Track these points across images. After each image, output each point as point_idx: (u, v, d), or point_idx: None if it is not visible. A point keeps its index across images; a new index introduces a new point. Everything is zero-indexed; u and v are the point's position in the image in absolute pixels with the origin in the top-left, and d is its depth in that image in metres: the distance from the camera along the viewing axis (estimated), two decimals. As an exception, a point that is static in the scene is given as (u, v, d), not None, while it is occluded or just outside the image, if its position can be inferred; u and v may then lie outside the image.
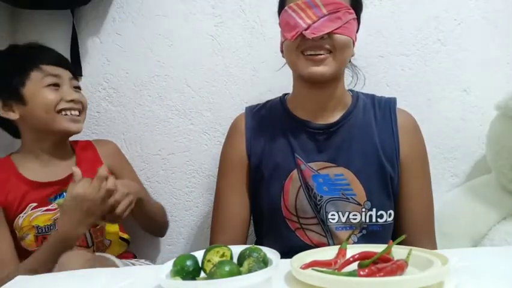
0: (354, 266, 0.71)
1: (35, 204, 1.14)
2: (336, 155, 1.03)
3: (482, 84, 1.39)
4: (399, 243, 0.75)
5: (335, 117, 1.05)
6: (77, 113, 1.18)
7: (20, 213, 1.12)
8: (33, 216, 1.13)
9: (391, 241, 0.75)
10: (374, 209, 1.01)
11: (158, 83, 1.44)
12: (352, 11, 0.97)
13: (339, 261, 0.73)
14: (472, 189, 1.32)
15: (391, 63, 1.40)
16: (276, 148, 1.06)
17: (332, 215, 1.02)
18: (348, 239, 0.87)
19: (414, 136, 1.06)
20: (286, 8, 0.99)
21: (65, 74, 1.19)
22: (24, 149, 1.20)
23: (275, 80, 1.38)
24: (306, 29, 0.95)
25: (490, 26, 1.38)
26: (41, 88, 1.14)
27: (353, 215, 1.01)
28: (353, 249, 0.76)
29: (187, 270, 0.72)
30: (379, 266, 0.68)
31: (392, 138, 1.04)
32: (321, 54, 0.97)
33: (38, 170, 1.18)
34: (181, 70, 1.44)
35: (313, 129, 1.05)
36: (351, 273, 0.66)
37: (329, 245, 1.01)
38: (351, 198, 1.01)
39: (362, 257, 0.72)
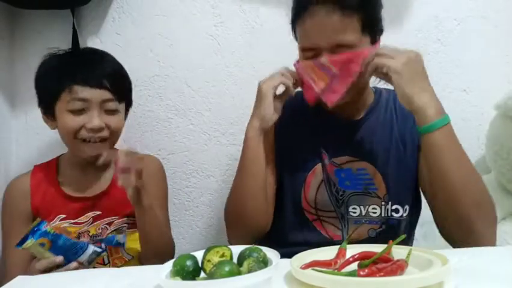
0: (354, 266, 0.71)
1: (64, 215, 1.14)
2: (359, 150, 1.05)
3: (481, 84, 1.39)
4: (398, 243, 0.75)
5: (360, 114, 1.07)
6: (98, 141, 1.11)
7: (49, 222, 1.12)
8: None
9: (391, 241, 0.75)
10: (390, 203, 1.03)
11: (158, 83, 1.44)
12: (362, 41, 0.95)
13: (339, 261, 0.74)
14: (471, 189, 1.32)
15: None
16: (302, 140, 1.08)
17: (353, 208, 1.04)
18: (348, 237, 0.88)
19: None
20: (298, 60, 1.01)
21: (98, 96, 1.09)
22: (68, 154, 1.21)
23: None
24: (322, 93, 0.97)
25: (490, 26, 1.38)
26: (64, 112, 1.10)
27: (373, 208, 1.03)
28: (353, 249, 0.76)
29: (187, 270, 0.72)
30: (379, 266, 0.68)
31: (412, 133, 1.04)
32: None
33: (74, 180, 1.18)
34: (181, 70, 1.44)
35: (338, 125, 1.06)
36: (351, 273, 0.66)
37: (343, 239, 1.03)
38: (373, 192, 1.03)
39: (362, 257, 0.72)
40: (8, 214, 1.16)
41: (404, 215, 1.04)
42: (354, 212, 1.04)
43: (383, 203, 1.03)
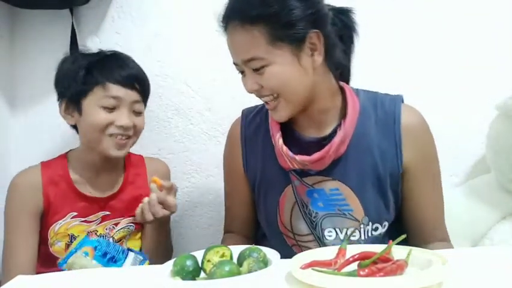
0: (354, 266, 0.71)
1: (75, 213, 1.16)
2: (331, 169, 0.96)
3: (482, 83, 1.39)
4: (398, 243, 0.75)
5: (329, 128, 0.98)
6: (124, 138, 1.14)
7: (60, 219, 1.14)
8: (70, 225, 1.15)
9: (391, 241, 0.75)
10: (371, 223, 0.97)
11: (158, 83, 1.44)
12: (273, 52, 0.88)
13: (339, 261, 0.73)
14: (471, 189, 1.32)
15: (390, 63, 1.40)
16: (271, 163, 1.01)
17: (328, 231, 0.97)
18: (348, 238, 0.87)
19: (420, 138, 0.97)
20: None
21: (129, 97, 1.14)
22: (80, 152, 1.21)
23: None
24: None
25: (491, 25, 1.38)
26: (96, 107, 1.12)
27: (352, 232, 0.96)
28: (353, 249, 0.75)
29: (187, 270, 0.72)
30: (379, 266, 0.68)
31: (394, 144, 0.96)
32: (268, 103, 0.94)
33: (87, 180, 1.19)
34: (181, 70, 1.44)
35: (306, 141, 0.99)
36: (351, 273, 0.66)
37: None
38: (348, 214, 0.96)
39: (362, 257, 0.72)
40: (15, 208, 1.14)
41: (383, 230, 0.99)
42: (330, 236, 0.97)
43: (362, 225, 0.96)
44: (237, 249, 0.76)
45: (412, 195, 0.99)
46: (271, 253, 0.75)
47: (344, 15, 0.97)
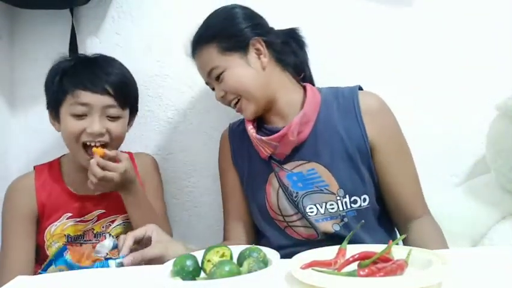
0: (354, 266, 0.71)
1: (70, 214, 1.17)
2: (305, 152, 1.09)
3: (482, 83, 1.39)
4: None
5: (292, 118, 1.09)
6: (98, 145, 1.11)
7: (55, 221, 1.16)
8: (66, 226, 1.16)
9: (391, 241, 0.75)
10: (347, 196, 1.06)
11: (158, 83, 1.44)
12: (226, 60, 1.08)
13: (339, 261, 0.73)
14: (471, 189, 1.32)
15: (390, 64, 1.40)
16: (256, 160, 1.15)
17: (309, 208, 1.07)
18: (348, 238, 0.87)
19: (379, 116, 1.09)
20: None
21: (100, 102, 1.11)
22: (70, 155, 1.21)
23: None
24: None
25: (491, 25, 1.38)
26: (67, 115, 1.12)
27: (330, 205, 1.06)
28: (353, 249, 0.75)
29: (187, 270, 0.72)
30: (379, 266, 0.68)
31: (357, 124, 1.08)
32: (236, 107, 1.13)
33: (79, 180, 1.18)
34: (181, 70, 1.44)
35: (274, 132, 1.10)
36: (351, 273, 0.66)
37: (318, 236, 1.07)
38: (325, 189, 1.07)
39: (362, 257, 0.72)
40: (11, 213, 1.17)
41: (363, 204, 1.06)
42: (312, 211, 1.07)
43: (338, 197, 1.06)
44: (237, 249, 0.76)
45: (385, 171, 1.08)
46: (271, 253, 0.75)
47: (292, 33, 1.19)
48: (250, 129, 1.13)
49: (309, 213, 1.07)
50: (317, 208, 1.07)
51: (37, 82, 1.40)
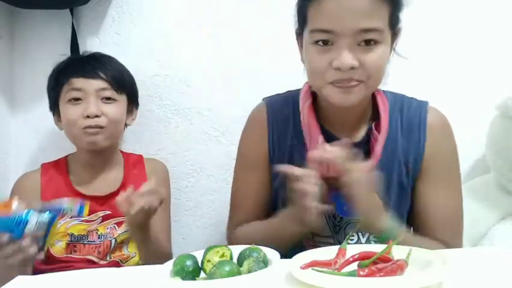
0: (354, 266, 0.71)
1: None
2: None
3: (482, 83, 1.39)
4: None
5: (360, 132, 0.96)
6: (96, 127, 1.13)
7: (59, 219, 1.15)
8: (70, 224, 1.16)
9: (391, 241, 0.75)
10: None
11: (158, 83, 1.44)
12: (386, 34, 0.86)
13: (339, 261, 0.73)
14: (471, 189, 1.32)
15: (390, 63, 1.40)
16: (298, 160, 0.92)
17: (351, 236, 0.95)
18: (347, 239, 0.87)
19: (439, 137, 0.96)
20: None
21: (93, 85, 1.14)
22: (77, 154, 1.23)
23: (275, 79, 1.38)
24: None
25: (491, 25, 1.38)
26: (65, 104, 1.15)
27: (373, 236, 0.94)
28: (353, 249, 0.75)
29: (187, 270, 0.72)
30: (379, 266, 0.68)
31: (418, 145, 0.95)
32: (352, 86, 0.85)
33: (86, 179, 1.20)
34: (181, 70, 1.44)
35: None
36: (351, 273, 0.66)
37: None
38: None
39: (362, 257, 0.72)
40: None
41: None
42: (352, 240, 0.95)
43: None
44: (237, 249, 0.76)
45: (423, 194, 0.96)
46: (271, 253, 0.75)
47: None
48: (317, 134, 0.92)
49: (349, 241, 0.90)
50: (359, 236, 0.96)
51: (37, 82, 1.41)
